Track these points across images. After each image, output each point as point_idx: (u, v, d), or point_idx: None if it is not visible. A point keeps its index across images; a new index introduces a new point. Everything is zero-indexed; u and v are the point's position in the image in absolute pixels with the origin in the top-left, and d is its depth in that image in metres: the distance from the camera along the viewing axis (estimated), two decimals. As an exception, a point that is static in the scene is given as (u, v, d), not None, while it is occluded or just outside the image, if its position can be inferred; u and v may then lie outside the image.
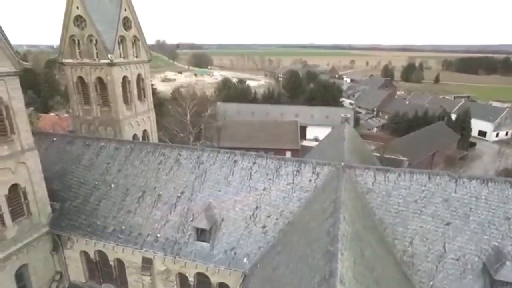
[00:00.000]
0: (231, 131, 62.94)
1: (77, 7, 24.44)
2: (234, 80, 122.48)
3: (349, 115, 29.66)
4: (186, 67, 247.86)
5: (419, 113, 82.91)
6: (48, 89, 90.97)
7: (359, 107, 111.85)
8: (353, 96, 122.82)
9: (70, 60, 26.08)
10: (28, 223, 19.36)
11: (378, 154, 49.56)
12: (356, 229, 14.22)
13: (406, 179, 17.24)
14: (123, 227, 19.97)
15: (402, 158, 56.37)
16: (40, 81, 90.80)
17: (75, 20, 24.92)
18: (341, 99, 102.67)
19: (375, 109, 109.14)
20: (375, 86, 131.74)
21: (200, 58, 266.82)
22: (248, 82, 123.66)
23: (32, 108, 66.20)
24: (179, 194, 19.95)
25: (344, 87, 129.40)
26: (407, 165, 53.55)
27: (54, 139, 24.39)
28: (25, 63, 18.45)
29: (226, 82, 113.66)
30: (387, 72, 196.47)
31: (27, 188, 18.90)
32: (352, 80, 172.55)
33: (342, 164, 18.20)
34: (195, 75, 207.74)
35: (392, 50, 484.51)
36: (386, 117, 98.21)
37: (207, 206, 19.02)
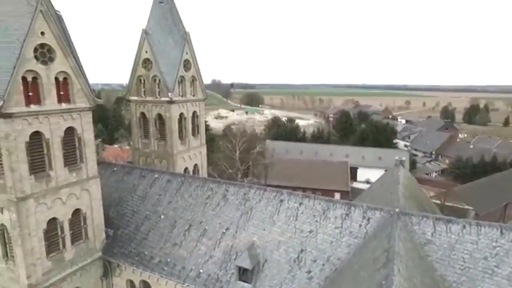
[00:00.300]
0: (279, 169, 62.61)
1: (146, 51, 27.43)
2: (284, 119, 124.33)
3: (404, 158, 27.95)
4: (238, 105, 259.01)
5: (486, 158, 75.34)
6: (115, 123, 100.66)
7: (416, 150, 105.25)
8: (409, 137, 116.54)
9: (135, 98, 28.84)
10: (84, 247, 20.59)
11: (438, 202, 45.37)
12: (413, 285, 12.75)
13: (472, 232, 15.35)
14: (168, 259, 20.26)
15: (467, 207, 50.80)
16: (109, 115, 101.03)
17: (143, 62, 27.87)
18: (395, 141, 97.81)
19: (433, 152, 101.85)
20: (434, 128, 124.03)
21: (252, 97, 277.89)
22: (297, 121, 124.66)
23: (100, 139, 73.20)
24: (224, 230, 19.93)
25: (399, 128, 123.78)
26: (473, 216, 47.97)
27: (115, 169, 26.40)
28: (98, 100, 20.81)
29: (275, 120, 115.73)
30: (447, 113, 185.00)
31: (87, 214, 20.38)
32: (407, 121, 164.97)
33: (397, 210, 16.90)
34: (246, 113, 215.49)
35: (452, 91, 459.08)
36: (447, 161, 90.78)
37: (251, 245, 18.65)
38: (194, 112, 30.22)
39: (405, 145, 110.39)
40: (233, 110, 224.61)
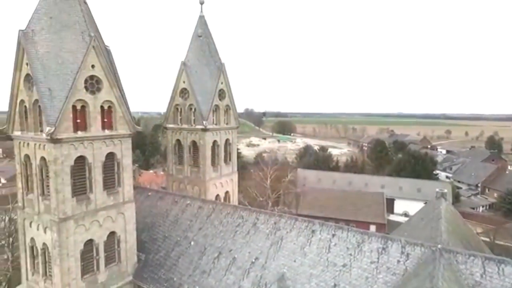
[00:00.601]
0: (311, 198, 61.22)
1: (184, 82, 28.93)
2: (316, 147, 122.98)
3: (446, 190, 26.23)
4: (270, 133, 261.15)
5: (541, 194, 68.73)
6: (151, 149, 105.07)
7: (459, 182, 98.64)
8: (451, 169, 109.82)
9: (172, 125, 30.13)
10: (117, 270, 20.96)
11: (487, 239, 41.55)
12: (461, 333, 11.48)
13: (529, 276, 13.75)
14: (197, 287, 19.99)
15: (521, 247, 45.93)
16: (147, 142, 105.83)
17: (181, 92, 29.32)
18: (435, 172, 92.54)
19: (479, 185, 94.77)
20: (478, 158, 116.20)
21: (284, 126, 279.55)
22: (330, 149, 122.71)
23: (136, 165, 76.39)
24: (253, 260, 19.47)
25: (439, 159, 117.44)
26: (530, 257, 43.09)
27: (149, 194, 27.22)
28: (137, 127, 21.98)
29: (307, 149, 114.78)
30: (493, 143, 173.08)
31: (121, 237, 20.92)
32: (448, 151, 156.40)
33: (439, 246, 15.67)
34: (278, 141, 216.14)
35: (497, 120, 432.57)
36: (495, 195, 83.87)
37: (281, 276, 17.99)
38: (227, 140, 30.85)
39: (447, 177, 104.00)
40: (265, 138, 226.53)
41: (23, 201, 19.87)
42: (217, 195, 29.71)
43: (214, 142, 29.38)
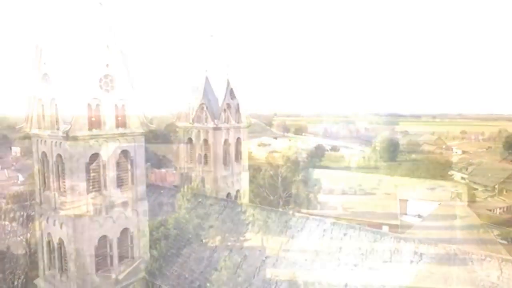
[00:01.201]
0: (322, 198, 60.83)
1: (195, 81, 29.13)
2: (328, 147, 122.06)
3: (461, 191, 25.73)
4: (282, 133, 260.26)
5: (561, 195, 66.36)
6: (163, 147, 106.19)
7: (475, 183, 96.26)
8: (466, 169, 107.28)
9: (184, 124, 30.41)
10: (130, 266, 21.28)
11: (504, 242, 40.46)
12: (476, 335, 11.24)
13: (548, 278, 13.35)
14: (208, 284, 20.11)
15: (540, 250, 44.52)
16: (159, 140, 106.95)
17: (192, 91, 29.51)
18: (450, 172, 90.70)
19: (496, 187, 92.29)
20: (495, 159, 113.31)
21: (295, 125, 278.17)
22: (341, 149, 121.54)
23: (149, 163, 77.25)
24: (264, 258, 19.50)
25: (454, 159, 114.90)
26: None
27: (162, 191, 27.57)
28: (150, 125, 22.27)
29: (319, 148, 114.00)
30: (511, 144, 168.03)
31: (134, 233, 21.24)
32: (464, 152, 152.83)
33: (454, 247, 15.36)
34: (289, 140, 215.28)
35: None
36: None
37: (291, 275, 17.95)
38: (238, 139, 30.96)
39: (462, 178, 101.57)
40: (276, 138, 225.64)
41: (40, 197, 20.40)
42: (228, 193, 29.84)
43: (225, 140, 29.52)
